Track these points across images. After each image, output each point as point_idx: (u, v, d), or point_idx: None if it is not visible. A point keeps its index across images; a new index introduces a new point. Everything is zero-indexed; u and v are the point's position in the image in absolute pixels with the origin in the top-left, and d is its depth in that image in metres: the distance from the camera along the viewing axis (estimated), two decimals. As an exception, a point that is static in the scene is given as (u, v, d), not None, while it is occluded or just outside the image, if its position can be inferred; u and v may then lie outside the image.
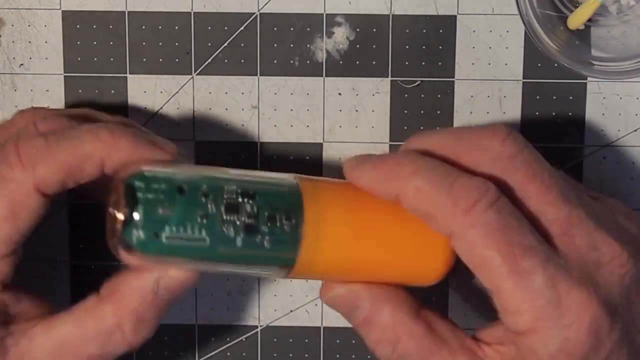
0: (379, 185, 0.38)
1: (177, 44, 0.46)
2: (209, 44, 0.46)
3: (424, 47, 0.46)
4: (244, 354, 0.48)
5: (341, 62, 0.46)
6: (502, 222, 0.36)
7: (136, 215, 0.35)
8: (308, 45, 0.46)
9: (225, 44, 0.46)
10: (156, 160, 0.38)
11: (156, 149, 0.39)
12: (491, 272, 0.36)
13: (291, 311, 0.48)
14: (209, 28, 0.46)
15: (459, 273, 0.45)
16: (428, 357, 0.39)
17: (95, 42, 0.46)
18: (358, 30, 0.46)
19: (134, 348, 0.40)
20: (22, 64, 0.46)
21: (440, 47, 0.46)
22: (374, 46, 0.46)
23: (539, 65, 0.46)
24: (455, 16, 0.45)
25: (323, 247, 0.38)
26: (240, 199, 0.37)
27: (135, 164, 0.37)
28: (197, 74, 0.46)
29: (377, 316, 0.39)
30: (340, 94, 0.46)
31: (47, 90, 0.46)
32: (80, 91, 0.43)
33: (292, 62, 0.46)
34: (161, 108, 0.46)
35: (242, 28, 0.46)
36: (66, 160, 0.38)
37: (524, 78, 0.46)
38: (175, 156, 0.39)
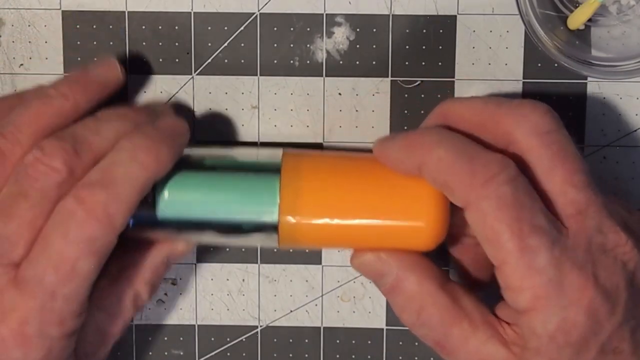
0: (404, 155, 0.40)
1: (177, 44, 0.46)
2: (209, 44, 0.46)
3: (424, 47, 0.46)
4: (244, 354, 0.48)
5: (341, 62, 0.46)
6: (517, 198, 0.37)
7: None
8: (308, 45, 0.46)
9: (225, 44, 0.46)
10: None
11: (179, 140, 0.41)
12: (498, 245, 0.37)
13: (291, 311, 0.48)
14: (209, 28, 0.46)
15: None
16: (449, 327, 0.40)
17: (95, 42, 0.46)
18: (358, 30, 0.46)
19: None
20: (22, 64, 0.46)
21: (440, 47, 0.46)
22: (374, 46, 0.46)
23: (539, 65, 0.46)
24: (455, 16, 0.45)
25: (301, 206, 0.41)
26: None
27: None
28: (197, 74, 0.46)
29: (404, 284, 0.41)
30: (340, 94, 0.46)
31: (47, 90, 0.46)
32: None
33: (292, 62, 0.46)
34: (161, 108, 0.46)
35: (242, 28, 0.46)
36: (130, 198, 0.39)
37: (524, 78, 0.46)
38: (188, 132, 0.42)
